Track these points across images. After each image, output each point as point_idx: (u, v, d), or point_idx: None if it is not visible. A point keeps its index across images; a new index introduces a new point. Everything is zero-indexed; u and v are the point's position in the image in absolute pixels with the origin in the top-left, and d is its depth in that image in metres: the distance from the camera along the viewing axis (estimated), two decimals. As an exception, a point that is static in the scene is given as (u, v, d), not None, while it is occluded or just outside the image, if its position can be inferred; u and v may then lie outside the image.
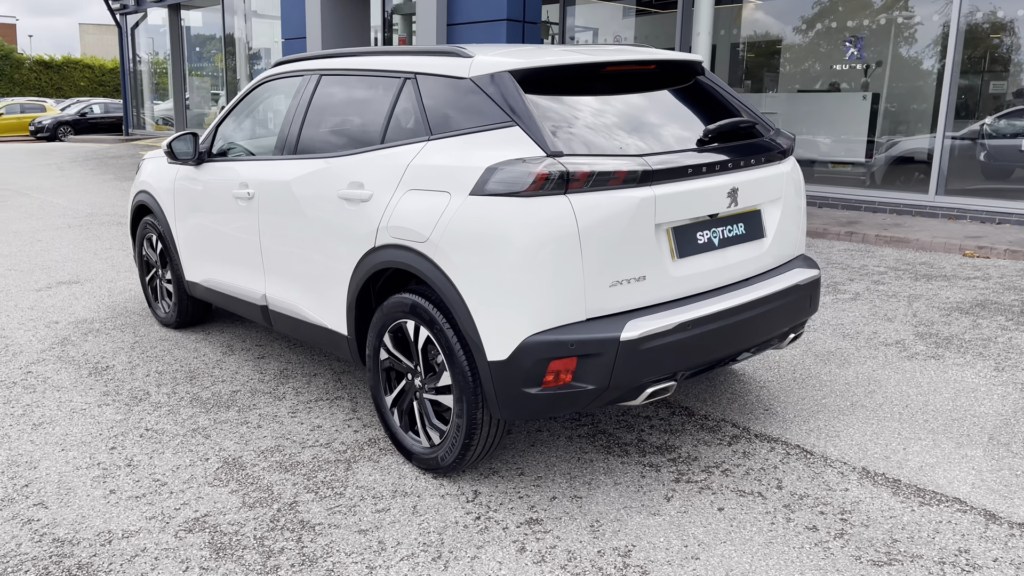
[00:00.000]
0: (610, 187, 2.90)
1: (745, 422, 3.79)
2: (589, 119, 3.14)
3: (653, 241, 2.99)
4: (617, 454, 3.51)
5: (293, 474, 3.39)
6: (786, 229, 3.55)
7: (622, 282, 2.94)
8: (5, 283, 6.80)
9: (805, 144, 10.23)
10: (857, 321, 5.27)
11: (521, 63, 3.14)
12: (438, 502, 3.15)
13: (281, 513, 3.08)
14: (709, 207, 3.16)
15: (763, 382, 4.27)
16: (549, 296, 2.83)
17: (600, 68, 3.31)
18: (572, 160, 2.87)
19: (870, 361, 4.55)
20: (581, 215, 2.84)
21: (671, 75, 3.61)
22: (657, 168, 2.98)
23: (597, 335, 2.85)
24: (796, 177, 3.62)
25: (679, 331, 2.98)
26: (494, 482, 3.29)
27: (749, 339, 3.29)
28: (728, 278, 3.29)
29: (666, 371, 3.01)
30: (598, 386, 2.89)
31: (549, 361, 2.84)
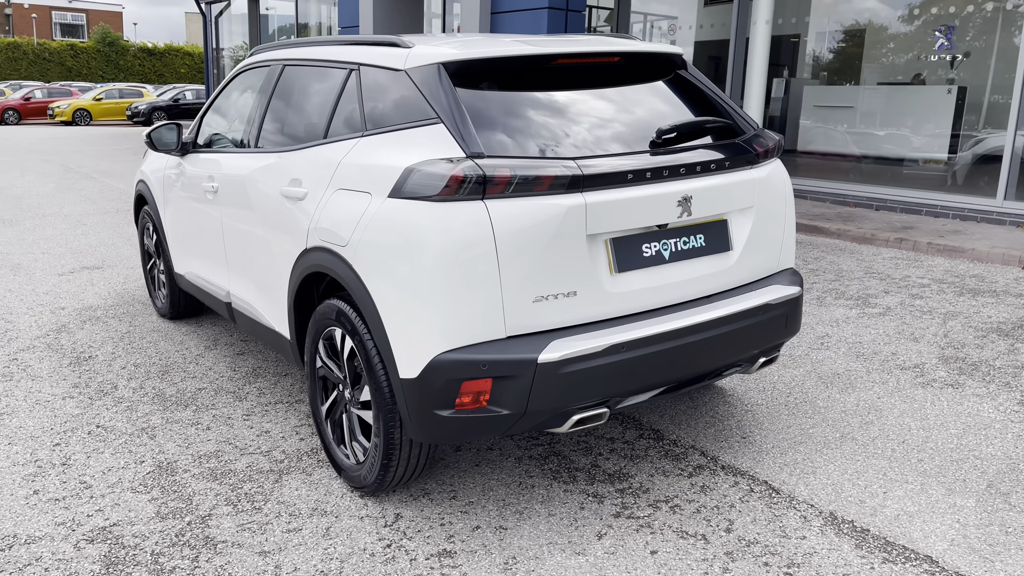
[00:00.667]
0: (535, 193, 2.63)
1: (715, 451, 3.46)
2: (527, 117, 2.87)
3: (585, 253, 2.70)
4: (564, 480, 3.24)
5: (220, 483, 3.24)
6: (760, 242, 3.19)
7: (548, 297, 2.67)
8: (34, 266, 6.94)
9: (881, 140, 9.59)
10: (878, 340, 4.81)
11: (456, 55, 2.88)
12: (354, 525, 2.94)
13: (190, 527, 2.94)
14: (656, 217, 2.84)
15: (750, 405, 3.91)
16: (462, 311, 2.59)
17: (549, 61, 3.02)
18: (492, 163, 2.61)
19: (878, 386, 4.12)
20: (499, 223, 2.57)
21: (642, 69, 3.30)
22: (590, 173, 2.68)
23: (513, 356, 2.59)
24: (776, 184, 3.25)
25: (610, 354, 2.68)
26: (421, 505, 3.07)
27: (704, 363, 2.96)
28: (682, 295, 2.96)
29: (594, 397, 2.72)
30: (513, 411, 2.63)
31: (461, 382, 2.60)
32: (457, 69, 2.88)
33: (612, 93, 3.14)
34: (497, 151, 2.69)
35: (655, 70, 3.33)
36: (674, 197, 2.85)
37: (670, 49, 3.38)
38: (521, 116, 2.87)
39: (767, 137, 3.30)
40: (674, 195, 2.85)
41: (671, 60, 3.40)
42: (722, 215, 3.07)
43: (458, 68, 2.88)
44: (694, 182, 2.92)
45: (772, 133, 3.37)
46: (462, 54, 2.89)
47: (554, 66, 3.05)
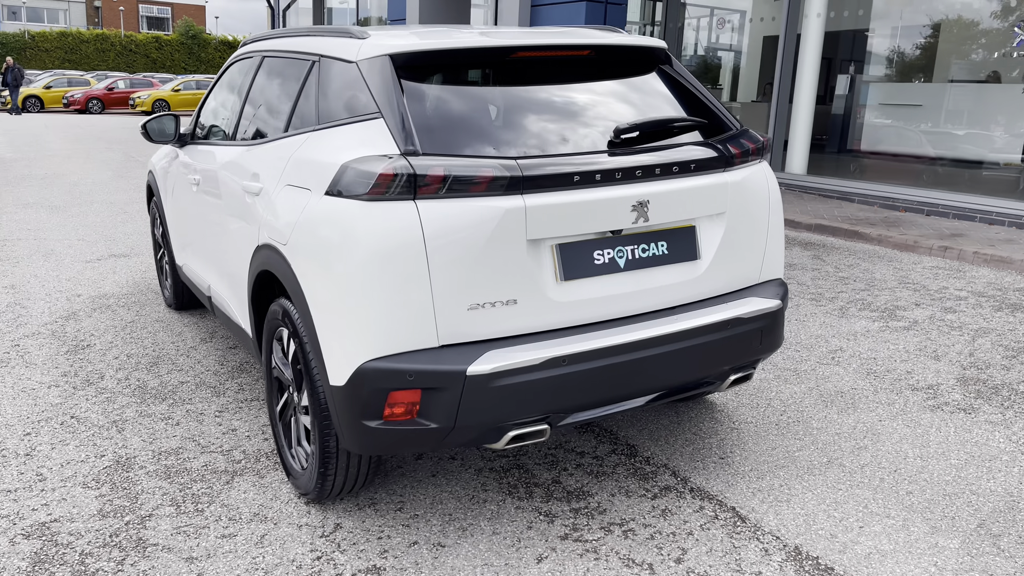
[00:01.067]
0: (471, 194, 2.47)
1: (688, 471, 3.25)
2: (478, 114, 2.71)
3: (526, 259, 2.54)
4: (518, 495, 3.08)
5: (171, 483, 3.19)
6: (735, 250, 2.97)
7: (484, 305, 2.51)
8: (66, 252, 7.09)
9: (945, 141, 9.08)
10: (895, 356, 4.49)
11: (405, 46, 2.75)
12: (290, 533, 2.85)
13: (128, 527, 2.88)
14: (608, 222, 2.65)
15: (738, 422, 3.67)
16: (390, 317, 2.45)
17: (508, 54, 2.85)
18: (426, 161, 2.46)
19: (882, 408, 3.82)
20: (429, 225, 2.43)
21: (619, 64, 3.10)
22: (531, 174, 2.51)
23: (441, 367, 2.44)
24: (755, 188, 3.01)
25: (549, 367, 2.51)
26: (364, 515, 2.95)
27: (662, 380, 2.76)
28: (640, 306, 2.77)
29: (532, 413, 2.56)
30: (442, 426, 2.48)
31: (388, 392, 2.47)
32: (406, 61, 2.74)
33: (579, 89, 2.96)
34: (440, 149, 2.54)
35: (634, 65, 3.14)
36: (628, 201, 2.66)
37: (651, 43, 3.18)
38: (471, 112, 2.71)
39: (749, 138, 3.06)
40: (628, 199, 2.66)
41: (652, 55, 3.19)
42: (688, 221, 2.86)
43: (407, 60, 2.74)
44: (652, 186, 2.71)
45: (756, 134, 3.13)
46: (411, 45, 2.75)
47: (514, 59, 2.88)
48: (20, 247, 7.30)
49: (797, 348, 4.60)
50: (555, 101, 2.87)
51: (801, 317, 5.17)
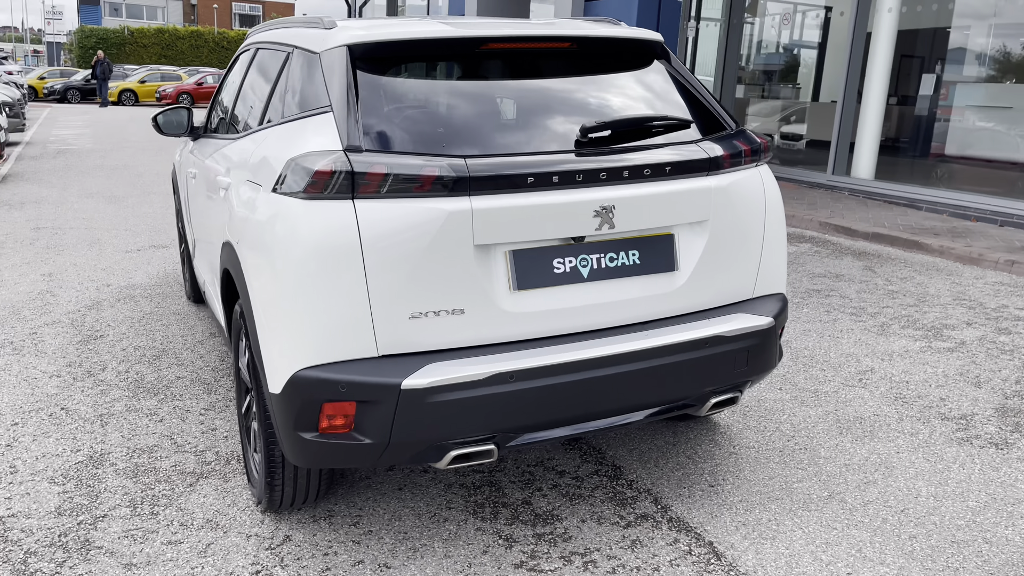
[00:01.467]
0: (414, 194, 2.30)
1: (671, 498, 3.00)
2: (437, 109, 2.54)
3: (473, 266, 2.35)
4: (483, 516, 2.89)
5: (136, 482, 3.13)
6: (720, 262, 2.71)
7: (427, 314, 2.34)
8: (111, 242, 7.24)
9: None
10: (931, 380, 4.11)
11: (365, 36, 2.59)
12: (237, 543, 2.74)
13: (80, 527, 2.82)
14: (568, 228, 2.44)
15: (738, 447, 3.40)
16: (326, 324, 2.30)
17: (476, 45, 2.67)
18: (367, 158, 2.31)
19: (903, 438, 3.48)
20: (367, 226, 2.27)
21: (605, 57, 2.89)
22: (479, 175, 2.32)
23: (375, 379, 2.28)
24: (745, 195, 2.75)
25: (495, 383, 2.32)
26: (316, 528, 2.82)
27: (626, 400, 2.54)
28: (607, 320, 2.55)
29: (476, 432, 2.37)
30: (376, 442, 2.33)
31: (321, 403, 2.32)
32: (366, 52, 2.58)
33: (555, 85, 2.76)
34: (390, 146, 2.38)
35: (624, 60, 2.91)
36: (590, 206, 2.44)
37: (643, 35, 2.94)
38: (430, 108, 2.54)
39: (745, 140, 2.80)
40: (589, 204, 2.44)
41: (645, 48, 2.96)
42: (665, 229, 2.62)
43: (367, 51, 2.58)
44: (619, 190, 2.49)
45: (755, 136, 2.86)
46: (371, 36, 2.60)
47: (484, 52, 2.70)
48: (69, 236, 7.48)
49: (823, 367, 4.27)
50: (525, 97, 2.68)
51: (835, 333, 4.81)
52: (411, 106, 2.52)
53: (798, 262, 6.53)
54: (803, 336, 4.74)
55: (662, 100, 2.83)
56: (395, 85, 2.57)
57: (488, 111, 2.58)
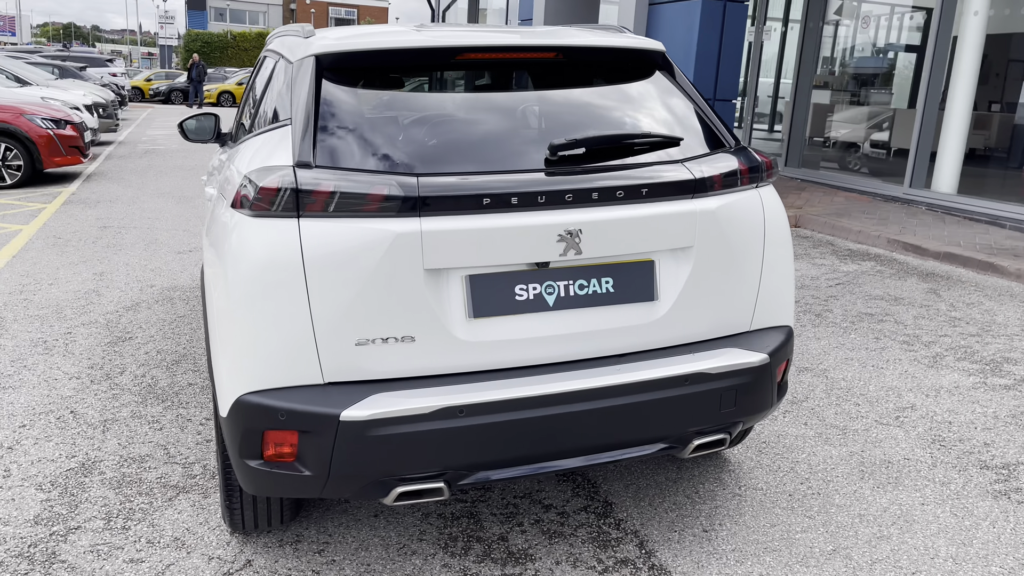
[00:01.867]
0: (362, 214, 2.18)
1: (658, 542, 2.79)
2: (399, 123, 2.41)
3: (424, 291, 2.21)
4: (454, 551, 2.75)
5: (118, 493, 3.11)
6: (708, 292, 2.49)
7: (375, 341, 2.21)
8: (166, 242, 7.41)
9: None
10: (977, 422, 3.74)
11: (334, 46, 2.48)
12: (196, 566, 2.67)
13: (51, 538, 2.81)
14: (530, 253, 2.27)
15: (744, 488, 3.14)
16: (269, 347, 2.20)
17: (451, 56, 2.53)
18: (314, 175, 2.19)
19: (933, 487, 3.16)
20: (311, 246, 2.16)
21: (597, 68, 2.71)
22: (430, 194, 2.18)
23: (313, 408, 2.17)
24: (739, 220, 2.51)
25: (442, 418, 2.18)
26: (280, 555, 2.73)
27: (592, 440, 2.35)
28: (576, 352, 2.37)
29: (423, 468, 2.23)
30: (316, 474, 2.21)
31: (263, 431, 2.22)
32: (334, 62, 2.48)
33: (533, 98, 2.61)
34: (346, 162, 2.26)
35: (618, 71, 2.73)
36: (553, 230, 2.26)
37: (640, 44, 2.74)
38: (394, 121, 2.41)
39: (743, 159, 2.56)
40: (553, 227, 2.26)
41: (645, 59, 2.76)
42: (643, 255, 2.41)
43: (335, 62, 2.48)
44: (587, 213, 2.30)
45: (755, 154, 2.62)
46: (341, 46, 2.49)
47: (460, 62, 2.55)
48: (130, 235, 7.69)
49: (858, 401, 3.94)
50: (500, 112, 2.52)
51: (880, 364, 4.45)
52: (375, 120, 2.40)
53: (855, 283, 6.13)
54: (843, 365, 4.41)
55: (655, 115, 2.63)
56: (361, 97, 2.45)
57: (455, 126, 2.44)
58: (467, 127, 2.45)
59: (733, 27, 8.14)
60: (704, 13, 7.99)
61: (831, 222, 7.75)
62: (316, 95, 2.39)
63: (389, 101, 2.49)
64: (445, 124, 2.44)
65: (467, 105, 2.53)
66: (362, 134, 2.35)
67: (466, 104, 2.54)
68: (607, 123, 2.55)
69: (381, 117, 2.41)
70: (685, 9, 8.22)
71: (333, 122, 2.34)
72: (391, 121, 2.41)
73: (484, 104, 2.55)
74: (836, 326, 5.07)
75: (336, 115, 2.37)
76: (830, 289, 5.92)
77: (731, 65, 8.24)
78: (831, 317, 5.25)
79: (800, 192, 9.51)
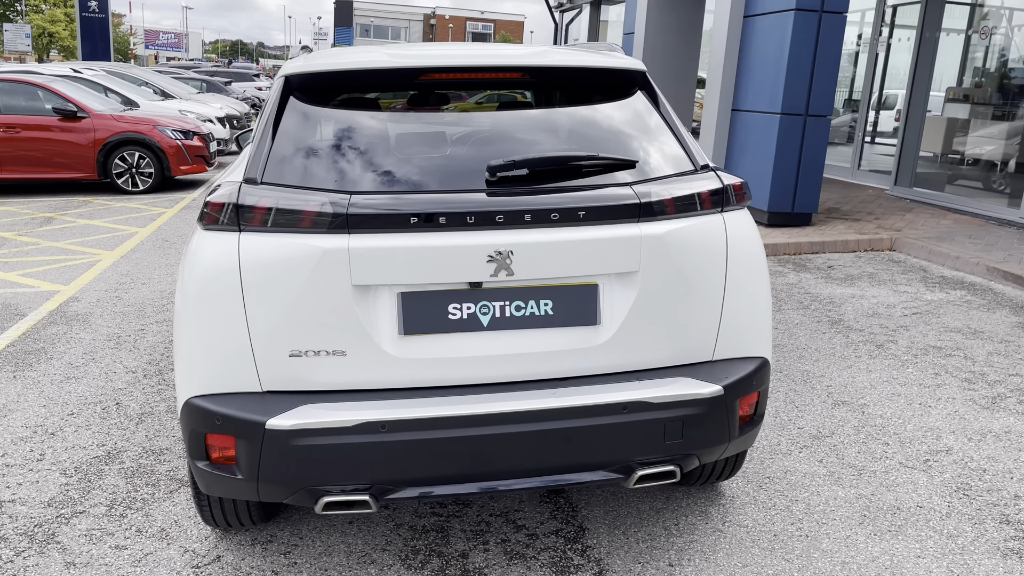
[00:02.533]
0: (296, 229, 2.27)
1: (618, 574, 2.71)
2: (349, 142, 2.48)
3: (353, 307, 2.27)
4: (411, 565, 2.79)
5: (128, 483, 3.34)
6: (655, 319, 2.42)
7: (307, 353, 2.30)
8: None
9: None
10: (1014, 472, 3.41)
11: (302, 67, 2.59)
12: (172, 557, 2.83)
13: (56, 520, 3.06)
14: (462, 273, 2.29)
15: (727, 525, 3.01)
16: (211, 354, 2.33)
17: (414, 76, 2.58)
18: (256, 191, 2.31)
19: (937, 539, 2.91)
20: (248, 259, 2.27)
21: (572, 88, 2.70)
22: (358, 212, 2.24)
23: (242, 414, 2.27)
24: (697, 245, 2.43)
25: (364, 432, 2.23)
26: (248, 553, 2.85)
27: (521, 463, 2.33)
28: (511, 373, 2.37)
29: (346, 480, 2.29)
30: (247, 478, 2.31)
31: (205, 434, 2.34)
32: (302, 82, 2.59)
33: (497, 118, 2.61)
34: (292, 179, 2.36)
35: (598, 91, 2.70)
36: (483, 251, 2.27)
37: (617, 64, 2.70)
38: (346, 140, 2.50)
39: (707, 184, 2.48)
40: (482, 248, 2.27)
41: (624, 78, 2.72)
42: (585, 279, 2.37)
43: (303, 81, 2.59)
44: (519, 234, 2.29)
45: (722, 177, 2.53)
46: (308, 66, 2.59)
47: (424, 82, 2.60)
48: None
49: (889, 440, 3.68)
50: (451, 132, 2.55)
51: (929, 402, 4.14)
52: (329, 139, 2.48)
53: (934, 312, 5.71)
54: (886, 401, 4.12)
55: (621, 137, 2.58)
56: (321, 117, 2.54)
57: (406, 146, 2.49)
58: (418, 147, 2.49)
59: (829, 40, 7.77)
60: (796, 25, 7.67)
61: (929, 246, 7.25)
62: (279, 114, 2.51)
63: (346, 121, 2.56)
64: (395, 144, 2.49)
65: (421, 125, 2.58)
66: (315, 152, 2.44)
67: (420, 124, 2.58)
68: (565, 144, 2.53)
69: (335, 137, 2.49)
70: (778, 21, 7.93)
71: (289, 140, 2.45)
72: (345, 140, 2.49)
73: (438, 124, 2.58)
74: (895, 359, 4.74)
75: (293, 133, 2.47)
76: (904, 319, 5.54)
77: (826, 79, 7.86)
78: (892, 349, 4.92)
79: (904, 214, 8.95)
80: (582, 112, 2.68)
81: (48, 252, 7.44)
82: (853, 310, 5.73)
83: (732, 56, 8.70)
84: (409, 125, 2.60)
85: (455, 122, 2.63)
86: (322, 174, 2.37)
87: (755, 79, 8.41)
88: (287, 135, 2.46)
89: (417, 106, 2.66)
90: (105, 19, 39.20)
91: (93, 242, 7.89)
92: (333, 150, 2.45)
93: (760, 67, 8.30)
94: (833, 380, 4.41)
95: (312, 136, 2.48)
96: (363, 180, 2.34)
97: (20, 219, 9.05)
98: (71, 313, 5.57)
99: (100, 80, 14.11)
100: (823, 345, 4.98)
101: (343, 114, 2.59)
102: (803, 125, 8.01)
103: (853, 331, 5.25)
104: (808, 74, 7.86)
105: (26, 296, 5.96)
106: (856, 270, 6.97)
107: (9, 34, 48.55)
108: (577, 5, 24.85)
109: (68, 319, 5.43)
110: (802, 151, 8.06)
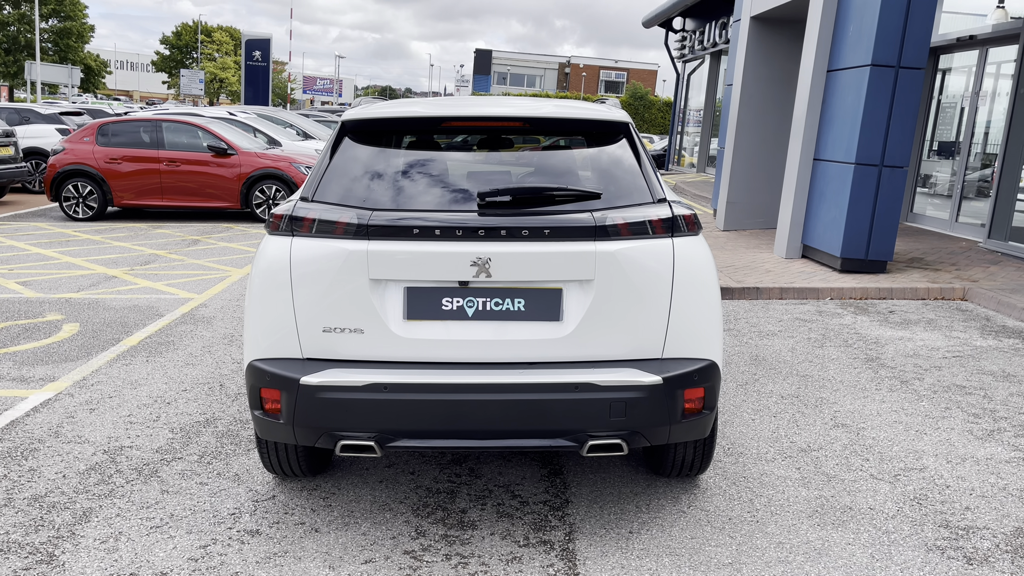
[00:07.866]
0: (333, 236, 3.03)
1: (582, 533, 3.31)
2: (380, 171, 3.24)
3: (369, 296, 3.00)
4: (419, 514, 3.46)
5: (219, 442, 4.18)
6: (608, 319, 3.02)
7: (336, 330, 3.04)
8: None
9: None
10: (977, 490, 3.71)
11: (356, 115, 3.39)
12: (239, 493, 3.63)
13: (160, 463, 3.93)
14: (452, 273, 2.99)
15: (691, 508, 3.51)
16: (266, 326, 3.12)
17: (438, 123, 3.33)
18: (307, 207, 3.10)
19: (870, 534, 3.31)
20: (296, 256, 3.06)
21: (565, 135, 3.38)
22: (376, 224, 2.98)
23: (286, 373, 3.03)
24: (644, 263, 3.03)
25: (370, 391, 2.95)
26: (295, 496, 3.62)
27: (494, 424, 2.99)
28: (490, 355, 3.03)
29: (359, 428, 3.00)
30: (286, 423, 3.05)
31: (260, 388, 3.12)
32: (354, 127, 3.38)
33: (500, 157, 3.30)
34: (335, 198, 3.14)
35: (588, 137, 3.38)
36: (467, 257, 2.96)
37: (601, 116, 3.35)
38: (379, 169, 3.26)
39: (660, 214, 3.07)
40: (467, 255, 2.96)
41: (607, 128, 3.36)
42: (551, 283, 3.02)
43: (355, 126, 3.38)
44: (495, 246, 2.96)
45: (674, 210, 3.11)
46: (359, 114, 3.38)
47: (446, 127, 3.35)
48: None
49: (869, 457, 4.05)
50: (462, 166, 3.26)
51: (926, 430, 4.45)
52: (367, 169, 3.25)
53: (976, 357, 5.88)
54: (885, 427, 4.46)
55: (596, 173, 3.22)
56: (362, 152, 3.32)
57: (423, 176, 3.22)
58: (432, 177, 3.22)
59: (906, 93, 8.02)
60: (872, 79, 7.98)
61: (1000, 297, 7.32)
62: (334, 149, 3.30)
63: (378, 155, 3.32)
64: (416, 174, 3.23)
65: (439, 160, 3.30)
66: (353, 178, 3.21)
67: (439, 160, 3.31)
68: (548, 178, 3.20)
69: (369, 167, 3.26)
70: (855, 76, 8.25)
71: (337, 169, 3.24)
72: (375, 170, 3.25)
73: (452, 160, 3.30)
74: (914, 393, 5.03)
75: (340, 164, 3.26)
76: (942, 360, 5.77)
77: (902, 131, 8.09)
78: (916, 385, 5.19)
79: (989, 266, 8.93)
80: (569, 153, 3.35)
81: (190, 268, 8.68)
82: (894, 351, 5.99)
83: (815, 108, 9.05)
84: (428, 160, 3.33)
85: (462, 158, 3.35)
86: (355, 195, 3.13)
87: (834, 130, 8.74)
88: (336, 165, 3.25)
89: (440, 146, 3.39)
90: (266, 67, 42.55)
91: (227, 261, 9.11)
92: (366, 177, 3.21)
93: (839, 119, 8.63)
94: (843, 407, 4.77)
95: (354, 166, 3.26)
96: (383, 200, 3.09)
97: (172, 240, 10.47)
98: (198, 316, 6.63)
99: (250, 122, 15.85)
100: (849, 378, 5.31)
101: (377, 151, 3.35)
102: (878, 175, 8.26)
103: (885, 368, 5.54)
104: (884, 126, 8.13)
105: (166, 301, 7.11)
106: (916, 316, 7.15)
107: (185, 79, 53.81)
108: (699, 56, 25.35)
109: (195, 320, 6.49)
110: (876, 200, 8.29)
